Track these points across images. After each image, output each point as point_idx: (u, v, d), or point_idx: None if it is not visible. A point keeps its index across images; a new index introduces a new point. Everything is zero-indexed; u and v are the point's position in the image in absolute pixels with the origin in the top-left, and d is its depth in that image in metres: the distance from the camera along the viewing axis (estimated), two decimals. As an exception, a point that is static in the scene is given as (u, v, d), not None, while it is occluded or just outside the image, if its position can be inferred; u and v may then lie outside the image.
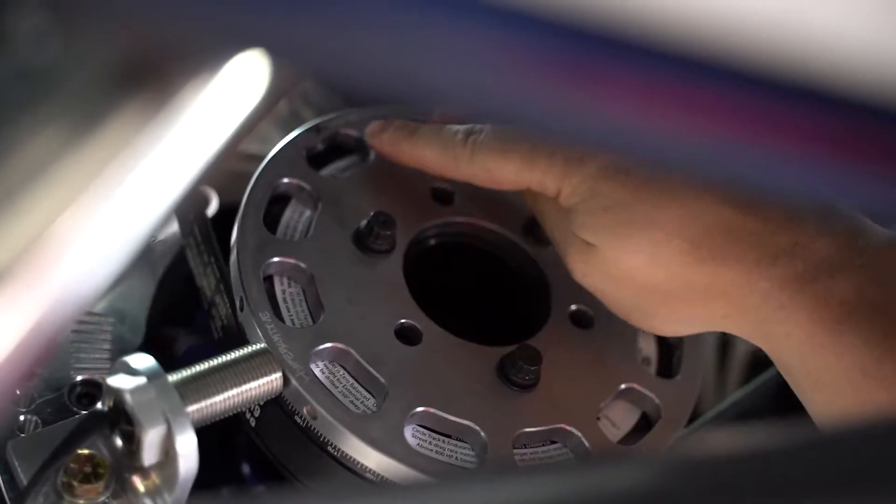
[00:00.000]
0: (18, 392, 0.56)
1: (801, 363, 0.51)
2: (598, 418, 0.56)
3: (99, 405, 0.49)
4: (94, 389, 0.57)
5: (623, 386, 0.57)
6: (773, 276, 0.50)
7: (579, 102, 0.25)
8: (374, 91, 0.26)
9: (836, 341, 0.49)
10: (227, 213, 0.63)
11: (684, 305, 0.53)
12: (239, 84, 0.29)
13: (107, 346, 0.60)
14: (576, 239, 0.54)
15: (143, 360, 0.48)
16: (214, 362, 0.50)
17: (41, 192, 0.26)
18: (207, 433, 0.50)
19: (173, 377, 0.48)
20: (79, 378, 0.58)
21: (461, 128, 0.56)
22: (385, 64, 0.25)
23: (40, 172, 0.26)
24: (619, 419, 0.57)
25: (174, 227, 0.64)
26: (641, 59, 0.24)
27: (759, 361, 0.75)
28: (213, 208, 0.68)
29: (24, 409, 0.55)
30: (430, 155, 0.57)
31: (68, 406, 0.56)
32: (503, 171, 0.54)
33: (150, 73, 0.25)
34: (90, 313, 0.61)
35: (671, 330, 0.56)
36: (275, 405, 0.52)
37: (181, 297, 0.65)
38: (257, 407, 0.54)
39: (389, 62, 0.25)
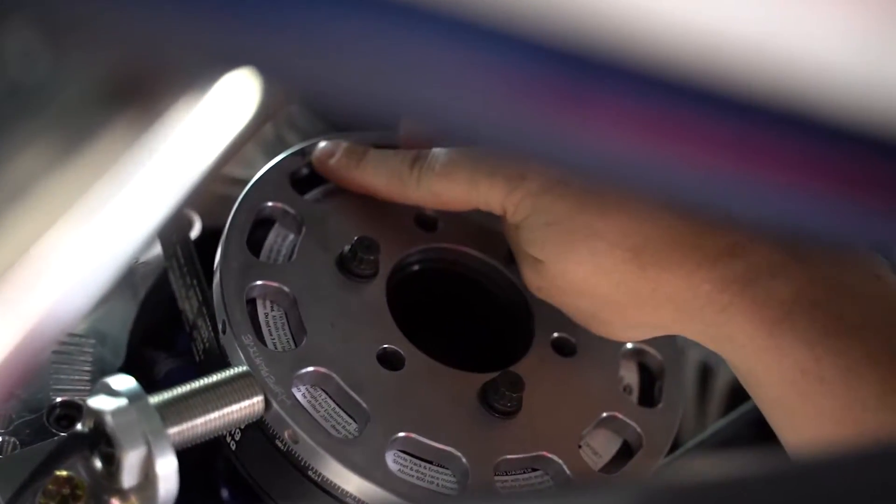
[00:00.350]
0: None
1: (745, 365, 0.52)
2: (580, 446, 0.56)
3: (79, 426, 0.49)
4: (73, 411, 0.57)
5: (605, 414, 0.57)
6: (715, 279, 0.51)
7: (554, 124, 0.25)
8: (358, 111, 0.26)
9: (777, 343, 0.50)
10: (209, 237, 0.63)
11: (635, 312, 0.54)
12: (227, 104, 0.29)
13: (87, 368, 0.59)
14: (526, 256, 0.55)
15: (124, 382, 0.48)
16: (196, 385, 0.50)
17: (25, 211, 0.26)
18: (187, 456, 0.49)
19: (154, 399, 0.48)
20: (58, 399, 0.57)
21: (408, 153, 0.57)
22: (371, 84, 0.26)
23: (25, 190, 0.26)
24: (600, 447, 0.57)
25: (157, 249, 0.64)
26: (624, 83, 0.25)
27: (740, 390, 0.76)
28: (195, 231, 0.68)
29: (1, 431, 0.55)
30: (378, 182, 0.58)
31: (47, 428, 0.56)
32: (449, 194, 0.55)
33: (138, 92, 0.25)
34: (70, 334, 0.60)
35: (629, 336, 0.57)
36: (256, 429, 0.52)
37: (163, 319, 0.65)
38: (238, 430, 0.53)
39: (375, 82, 0.25)
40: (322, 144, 0.60)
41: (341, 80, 0.25)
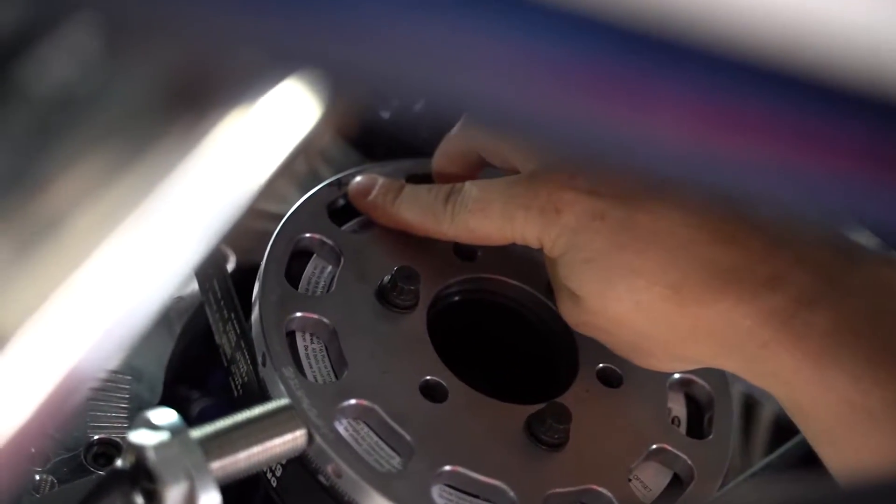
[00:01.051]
0: (33, 450, 0.54)
1: (791, 399, 0.51)
2: (630, 479, 0.54)
3: (119, 462, 0.47)
4: (110, 449, 0.56)
5: (654, 446, 0.56)
6: (755, 314, 0.49)
7: (601, 112, 0.25)
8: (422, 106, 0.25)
9: (822, 376, 0.48)
10: (244, 274, 0.62)
11: (677, 346, 0.53)
12: (276, 120, 0.28)
13: (124, 405, 0.58)
14: (564, 290, 0.54)
15: (165, 415, 0.47)
16: (237, 418, 0.48)
17: (65, 237, 0.25)
18: (225, 495, 0.48)
19: (196, 433, 0.47)
20: (95, 437, 0.56)
21: (441, 188, 0.56)
22: (434, 78, 0.25)
23: (70, 210, 0.25)
24: (650, 480, 0.55)
25: (192, 284, 0.63)
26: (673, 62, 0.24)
27: (786, 424, 0.74)
28: (230, 266, 0.67)
29: (39, 469, 0.54)
30: (413, 218, 0.57)
31: (85, 466, 0.55)
32: (484, 229, 0.54)
33: (190, 103, 0.24)
34: (107, 371, 0.59)
35: (672, 367, 0.56)
36: (297, 464, 0.51)
37: (199, 356, 0.64)
38: (278, 466, 0.52)
39: (439, 77, 0.25)
40: (358, 179, 0.59)
41: (405, 76, 0.25)
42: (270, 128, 0.28)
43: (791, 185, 0.28)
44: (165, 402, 0.60)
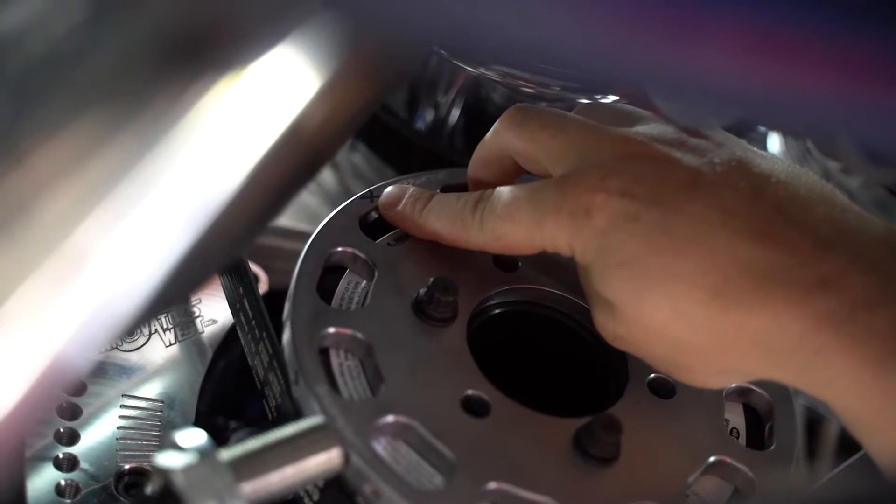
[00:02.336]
0: (63, 483, 0.52)
1: (850, 408, 0.47)
2: (687, 495, 0.51)
3: (147, 489, 0.45)
4: (142, 478, 0.54)
5: (712, 459, 0.52)
6: (806, 318, 0.46)
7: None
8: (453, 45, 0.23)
9: (884, 383, 0.45)
10: (277, 295, 0.60)
11: (720, 357, 0.49)
12: (281, 82, 0.26)
13: (155, 433, 0.56)
14: (598, 298, 0.50)
15: (193, 437, 0.45)
16: (269, 438, 0.46)
17: (46, 209, 0.23)
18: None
19: (226, 454, 0.45)
20: (126, 467, 0.54)
21: (471, 195, 0.54)
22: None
23: (50, 183, 0.23)
24: (709, 495, 0.52)
25: (223, 307, 0.61)
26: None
27: (852, 442, 0.70)
28: (262, 288, 0.65)
29: (69, 501, 0.52)
30: (442, 227, 0.54)
31: (116, 496, 0.53)
32: (513, 236, 0.51)
33: (182, 62, 0.22)
34: (138, 397, 0.57)
35: (716, 382, 0.52)
36: (335, 485, 0.48)
37: (232, 381, 0.62)
38: (316, 489, 0.50)
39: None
40: (388, 190, 0.57)
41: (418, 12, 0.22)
42: (267, 95, 0.26)
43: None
44: (199, 428, 0.58)
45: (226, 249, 0.37)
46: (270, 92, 0.26)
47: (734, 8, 0.27)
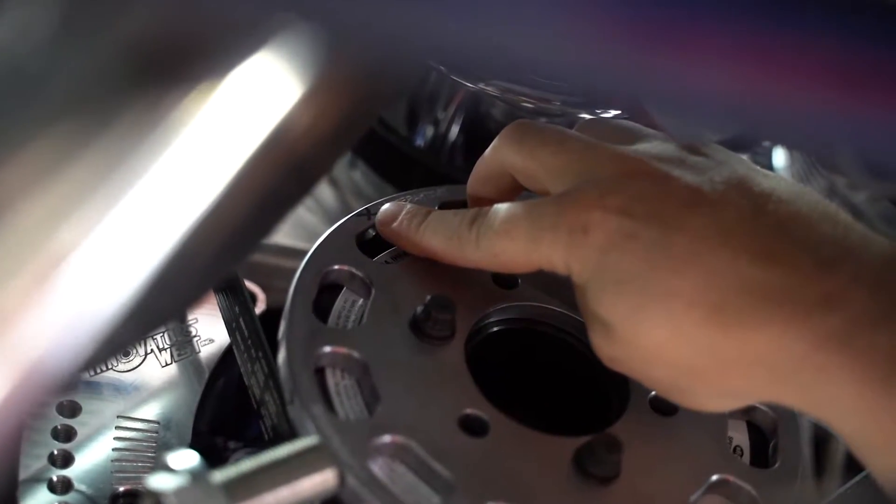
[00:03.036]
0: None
1: (853, 428, 0.46)
2: None
3: (138, 511, 0.45)
4: (137, 501, 0.53)
5: (714, 477, 0.52)
6: (809, 336, 0.45)
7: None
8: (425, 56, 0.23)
9: (889, 403, 0.44)
10: (273, 313, 0.60)
11: (721, 379, 0.48)
12: (257, 94, 0.25)
13: (151, 455, 0.56)
14: (594, 319, 0.49)
15: (186, 458, 0.44)
16: (262, 459, 0.45)
17: (14, 227, 0.22)
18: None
19: (218, 476, 0.44)
20: (121, 489, 0.54)
21: (468, 212, 0.53)
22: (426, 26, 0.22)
23: (18, 200, 0.22)
24: (712, 515, 0.51)
25: (220, 327, 0.61)
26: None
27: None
28: (260, 307, 0.64)
29: (58, 524, 0.51)
30: (438, 243, 0.53)
31: (109, 519, 0.52)
32: (510, 253, 0.50)
33: (153, 76, 0.22)
34: (133, 418, 0.57)
35: (716, 405, 0.50)
36: (331, 507, 0.48)
37: (229, 402, 0.61)
38: (312, 511, 0.49)
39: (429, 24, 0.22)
40: (385, 207, 0.56)
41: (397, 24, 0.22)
42: (246, 105, 0.25)
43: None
44: (195, 450, 0.57)
45: (215, 264, 0.36)
46: (248, 101, 0.25)
47: (733, 23, 0.27)
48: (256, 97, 0.25)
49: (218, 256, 0.34)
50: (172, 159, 0.24)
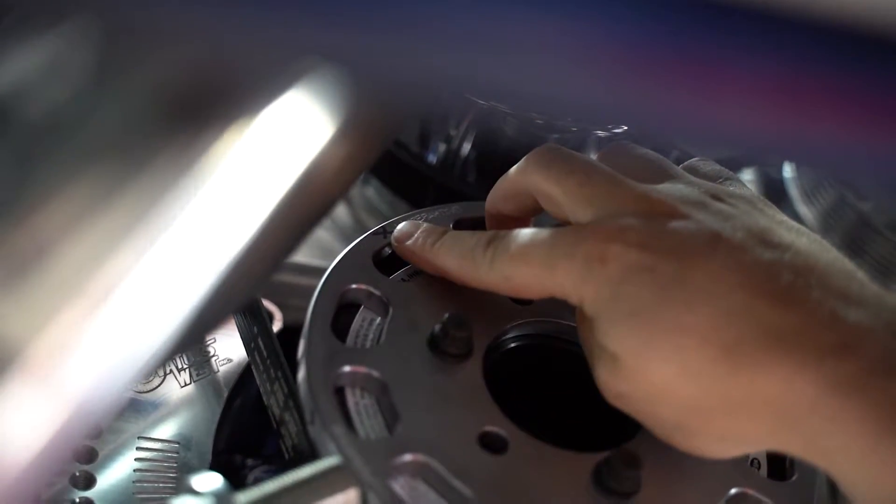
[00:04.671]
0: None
1: (864, 480, 0.45)
2: None
3: (162, 533, 0.45)
4: (158, 521, 0.54)
5: (733, 491, 0.52)
6: (821, 381, 0.44)
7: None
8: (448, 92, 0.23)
9: None
10: (292, 332, 0.60)
11: (727, 421, 0.47)
12: (289, 132, 0.26)
13: (172, 475, 0.56)
14: (602, 352, 0.49)
15: (210, 481, 0.44)
16: (285, 480, 0.46)
17: (55, 267, 0.22)
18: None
19: (242, 498, 0.44)
20: (142, 509, 0.54)
21: (484, 234, 0.53)
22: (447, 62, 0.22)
23: (58, 241, 0.22)
24: (731, 528, 0.51)
25: (238, 347, 0.61)
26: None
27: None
28: (277, 326, 0.65)
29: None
30: (452, 263, 0.53)
31: (131, 539, 0.53)
32: (523, 278, 0.50)
33: (187, 117, 0.22)
34: (154, 439, 0.57)
35: (718, 450, 0.50)
36: (353, 527, 0.48)
37: (249, 421, 0.62)
38: (333, 530, 0.49)
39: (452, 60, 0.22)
40: (401, 225, 0.57)
41: (428, 64, 0.22)
42: (278, 142, 0.26)
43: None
44: (215, 469, 0.57)
45: (240, 293, 0.37)
46: (281, 140, 0.25)
47: (744, 53, 0.27)
48: (284, 138, 0.25)
49: (244, 285, 0.35)
50: (204, 200, 0.24)
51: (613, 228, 0.48)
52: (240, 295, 0.37)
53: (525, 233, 0.51)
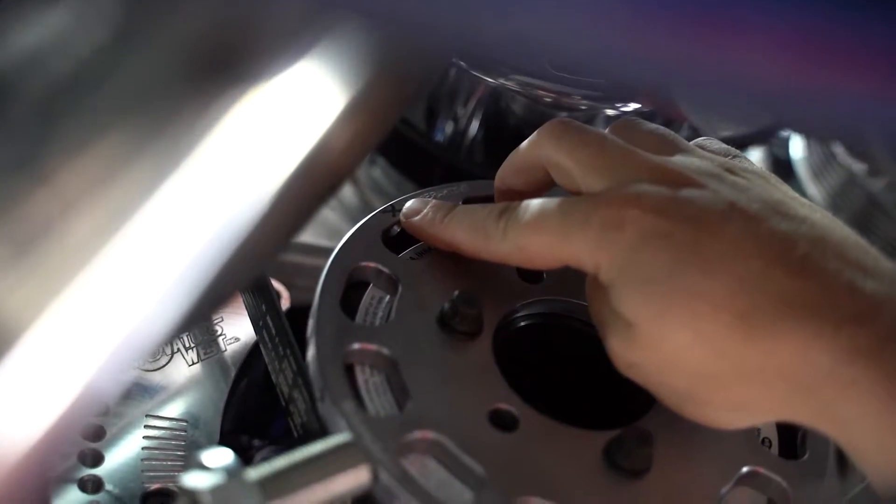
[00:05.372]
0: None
1: (878, 449, 0.45)
2: None
3: (173, 510, 0.45)
4: (168, 499, 0.54)
5: (745, 469, 0.52)
6: (837, 350, 0.44)
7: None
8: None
9: None
10: (299, 312, 0.60)
11: (740, 390, 0.47)
12: (312, 92, 0.25)
13: (180, 453, 0.56)
14: (616, 320, 0.48)
15: (221, 456, 0.44)
16: (296, 456, 0.45)
17: (72, 230, 0.22)
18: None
19: (253, 473, 0.44)
20: (151, 487, 0.54)
21: (496, 206, 0.52)
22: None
23: (76, 203, 0.22)
24: (742, 507, 0.51)
25: (246, 326, 0.61)
26: None
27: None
28: (284, 305, 0.64)
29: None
30: (463, 236, 0.53)
31: (141, 518, 0.52)
32: (537, 247, 0.50)
33: (209, 76, 0.22)
34: (161, 417, 0.57)
35: (729, 420, 0.49)
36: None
37: (256, 400, 0.62)
38: (344, 507, 0.49)
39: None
40: (409, 203, 0.56)
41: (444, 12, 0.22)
42: (290, 113, 0.25)
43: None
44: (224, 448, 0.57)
45: (250, 267, 0.36)
46: (297, 108, 0.25)
47: (762, 9, 0.27)
48: (304, 103, 0.25)
49: (254, 258, 0.34)
50: (222, 165, 0.24)
51: (630, 194, 0.48)
52: (250, 269, 0.37)
53: (538, 202, 0.50)
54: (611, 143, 0.51)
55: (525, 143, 0.54)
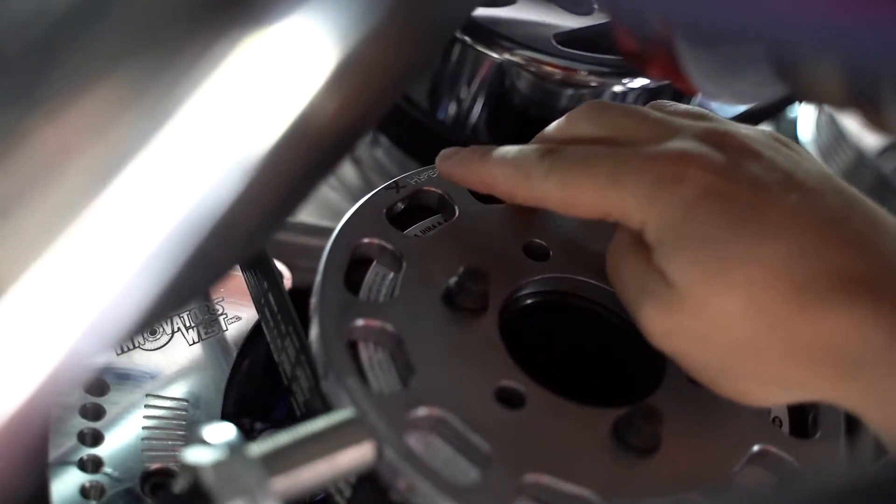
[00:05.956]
0: (88, 485, 0.51)
1: None
2: (731, 485, 0.49)
3: (175, 486, 0.44)
4: (168, 479, 0.53)
5: (756, 448, 0.51)
6: (891, 327, 0.43)
7: None
8: None
9: None
10: (301, 293, 0.59)
11: (781, 364, 0.45)
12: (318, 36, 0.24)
13: (181, 433, 0.55)
14: (657, 284, 0.46)
15: (222, 431, 0.43)
16: (299, 432, 0.45)
17: (65, 178, 0.21)
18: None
19: (255, 449, 0.43)
20: (152, 467, 0.53)
21: (540, 146, 0.50)
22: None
23: (70, 149, 0.21)
24: (754, 486, 0.50)
25: (247, 305, 0.60)
26: None
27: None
28: (286, 285, 0.64)
29: (94, 502, 0.51)
30: (501, 173, 0.50)
31: (141, 497, 0.52)
32: (580, 188, 0.47)
33: (208, 17, 0.21)
34: (162, 397, 0.56)
35: (762, 395, 0.48)
36: (367, 482, 0.47)
37: (258, 378, 0.61)
38: (347, 486, 0.48)
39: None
40: (444, 151, 0.54)
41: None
42: (286, 70, 0.24)
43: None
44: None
45: (245, 238, 0.35)
46: (294, 64, 0.24)
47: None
48: (302, 58, 0.24)
49: (248, 227, 0.33)
50: (217, 118, 0.23)
51: (691, 151, 0.46)
52: (244, 239, 0.36)
53: (587, 147, 0.48)
54: (654, 113, 0.50)
55: (556, 121, 0.52)
